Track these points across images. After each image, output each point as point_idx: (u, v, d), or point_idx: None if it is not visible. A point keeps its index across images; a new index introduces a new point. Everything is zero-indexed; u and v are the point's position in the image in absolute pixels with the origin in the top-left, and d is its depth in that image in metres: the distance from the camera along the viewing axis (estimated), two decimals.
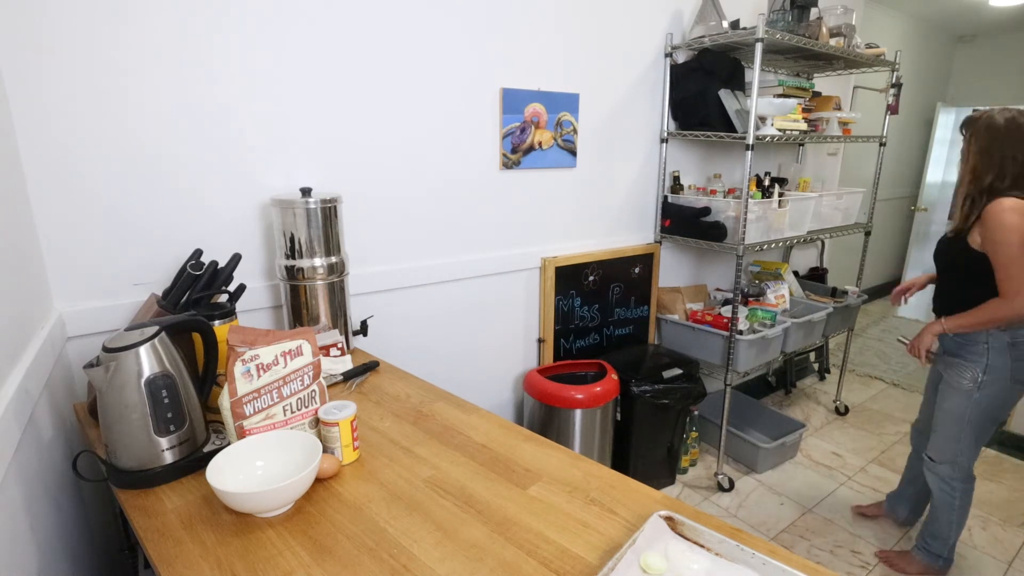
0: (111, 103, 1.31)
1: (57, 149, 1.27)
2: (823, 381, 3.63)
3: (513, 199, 2.11)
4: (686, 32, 2.46)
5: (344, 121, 1.67)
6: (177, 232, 1.45)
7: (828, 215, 2.78)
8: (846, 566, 2.03)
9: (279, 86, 1.53)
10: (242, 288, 1.32)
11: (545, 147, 2.14)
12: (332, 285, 1.53)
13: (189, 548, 0.82)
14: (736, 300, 2.31)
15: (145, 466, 0.95)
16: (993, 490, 2.49)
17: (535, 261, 2.22)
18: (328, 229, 1.49)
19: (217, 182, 1.49)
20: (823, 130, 2.72)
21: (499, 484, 0.98)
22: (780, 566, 0.73)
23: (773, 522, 2.28)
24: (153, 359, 0.94)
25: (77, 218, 1.31)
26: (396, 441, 1.12)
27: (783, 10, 2.35)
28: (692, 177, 2.72)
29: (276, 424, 1.01)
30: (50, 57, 1.22)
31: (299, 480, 0.86)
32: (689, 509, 0.89)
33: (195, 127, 1.43)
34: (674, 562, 0.76)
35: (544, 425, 2.13)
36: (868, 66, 2.79)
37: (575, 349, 2.43)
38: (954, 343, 1.79)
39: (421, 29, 1.75)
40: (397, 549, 0.82)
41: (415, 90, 1.78)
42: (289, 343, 1.02)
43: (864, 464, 2.68)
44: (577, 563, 0.80)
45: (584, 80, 2.19)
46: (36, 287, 1.20)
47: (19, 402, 0.93)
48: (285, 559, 0.80)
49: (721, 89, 2.37)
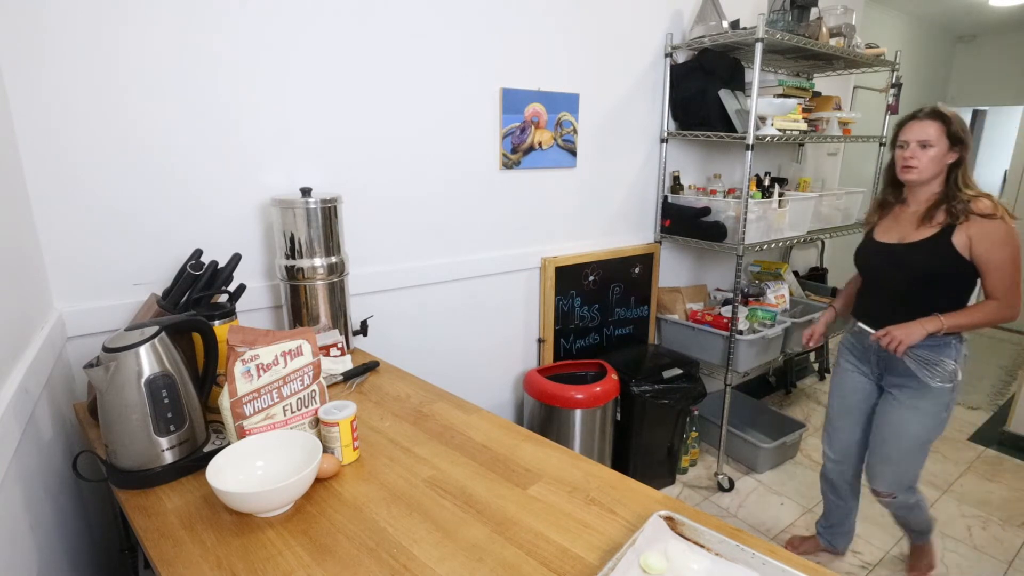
0: (111, 103, 1.31)
1: (57, 149, 1.27)
2: (823, 381, 3.63)
3: (513, 199, 2.11)
4: (686, 32, 2.46)
5: (344, 121, 1.67)
6: (177, 232, 1.45)
7: (828, 215, 2.78)
8: (846, 566, 2.03)
9: (280, 86, 1.53)
10: (242, 288, 1.32)
11: (545, 147, 2.14)
12: (332, 285, 1.53)
13: (189, 548, 0.82)
14: (736, 300, 2.31)
15: (145, 466, 0.95)
16: (993, 490, 2.49)
17: (535, 261, 2.22)
18: (328, 229, 1.49)
19: (217, 182, 1.49)
20: (823, 130, 2.72)
21: (499, 484, 0.98)
22: (780, 566, 0.73)
23: (773, 522, 2.28)
24: (153, 359, 0.94)
25: (77, 218, 1.31)
26: (396, 441, 1.12)
27: (783, 10, 2.35)
28: (692, 177, 2.72)
29: (276, 424, 1.01)
30: (50, 57, 1.22)
31: (299, 480, 0.86)
32: (689, 509, 0.89)
33: (196, 127, 1.43)
34: (674, 562, 0.76)
35: (544, 425, 2.13)
36: (868, 66, 2.78)
37: (575, 349, 2.42)
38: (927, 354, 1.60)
39: (421, 29, 1.75)
40: (397, 549, 0.82)
41: (415, 90, 1.78)
42: (289, 343, 1.02)
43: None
44: (577, 563, 0.79)
45: (584, 80, 2.19)
46: (36, 287, 1.20)
47: (19, 402, 0.93)
48: (285, 559, 0.80)
49: (721, 89, 2.37)
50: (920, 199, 1.62)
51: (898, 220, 1.67)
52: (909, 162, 1.57)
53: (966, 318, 1.55)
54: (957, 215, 1.52)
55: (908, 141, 1.58)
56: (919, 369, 1.61)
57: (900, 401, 1.67)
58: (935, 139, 1.53)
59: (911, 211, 1.64)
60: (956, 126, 1.54)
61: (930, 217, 1.57)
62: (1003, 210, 1.50)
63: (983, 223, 1.49)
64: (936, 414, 1.63)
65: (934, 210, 1.57)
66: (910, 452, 1.69)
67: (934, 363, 1.60)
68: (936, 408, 1.63)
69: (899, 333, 1.56)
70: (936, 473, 2.61)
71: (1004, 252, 1.50)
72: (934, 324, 1.55)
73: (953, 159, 1.56)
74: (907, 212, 1.65)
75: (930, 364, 1.60)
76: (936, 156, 1.54)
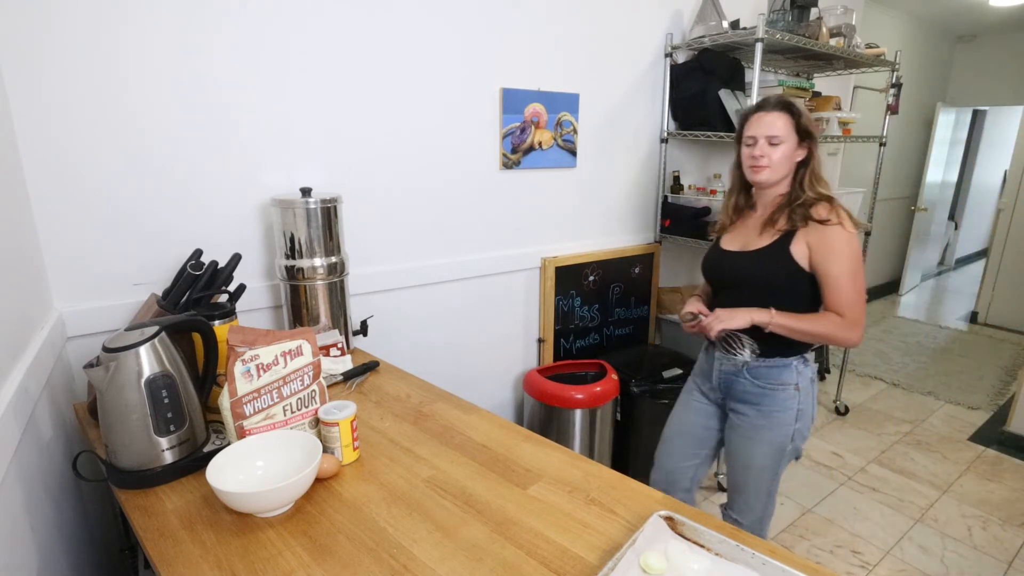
0: (111, 103, 1.31)
1: (57, 149, 1.27)
2: (823, 381, 3.63)
3: (513, 199, 2.11)
4: (686, 32, 2.46)
5: (344, 121, 1.67)
6: (177, 232, 1.45)
7: None
8: (846, 566, 2.03)
9: (280, 86, 1.53)
10: (242, 288, 1.32)
11: (545, 147, 2.14)
12: (332, 285, 1.53)
13: (189, 548, 0.82)
14: None
15: (145, 466, 0.95)
16: (993, 490, 2.49)
17: (535, 261, 2.22)
18: (328, 229, 1.49)
19: (217, 182, 1.49)
20: (823, 130, 2.72)
21: (499, 484, 0.98)
22: (780, 566, 0.73)
23: (773, 522, 2.27)
24: (153, 359, 0.94)
25: (77, 218, 1.31)
26: (396, 441, 1.12)
27: (783, 10, 2.35)
28: (692, 177, 2.72)
29: (276, 424, 1.01)
30: (50, 57, 1.22)
31: (299, 480, 0.86)
32: (689, 509, 0.89)
33: (196, 127, 1.43)
34: (674, 562, 0.76)
35: (544, 425, 2.13)
36: (868, 66, 2.78)
37: (575, 349, 2.42)
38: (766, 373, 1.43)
39: (421, 29, 1.75)
40: (397, 549, 0.82)
41: (416, 90, 1.78)
42: (289, 343, 1.02)
43: (864, 464, 2.68)
44: (577, 563, 0.79)
45: (584, 80, 2.19)
46: (36, 287, 1.20)
47: (19, 402, 0.93)
48: (285, 559, 0.80)
49: (721, 89, 2.37)
50: (766, 202, 1.45)
51: (745, 225, 1.49)
52: (759, 161, 1.38)
53: (800, 323, 1.34)
54: (796, 221, 1.35)
55: (756, 137, 1.38)
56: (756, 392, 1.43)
57: (741, 428, 1.48)
58: (785, 134, 1.35)
59: (757, 215, 1.47)
60: (806, 119, 1.37)
61: (773, 222, 1.39)
62: (843, 215, 1.33)
63: (821, 230, 1.32)
64: (779, 444, 1.44)
65: (778, 214, 1.39)
66: (755, 482, 1.51)
67: (772, 386, 1.42)
68: (779, 438, 1.44)
69: (723, 313, 1.38)
70: (936, 473, 2.61)
71: (841, 263, 1.31)
72: (763, 315, 1.35)
73: (801, 156, 1.38)
74: (754, 216, 1.48)
75: (766, 386, 1.42)
76: (787, 153, 1.37)
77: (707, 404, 1.60)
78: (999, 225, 4.52)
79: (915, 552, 2.10)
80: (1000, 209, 4.55)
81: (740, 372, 1.45)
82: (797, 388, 1.42)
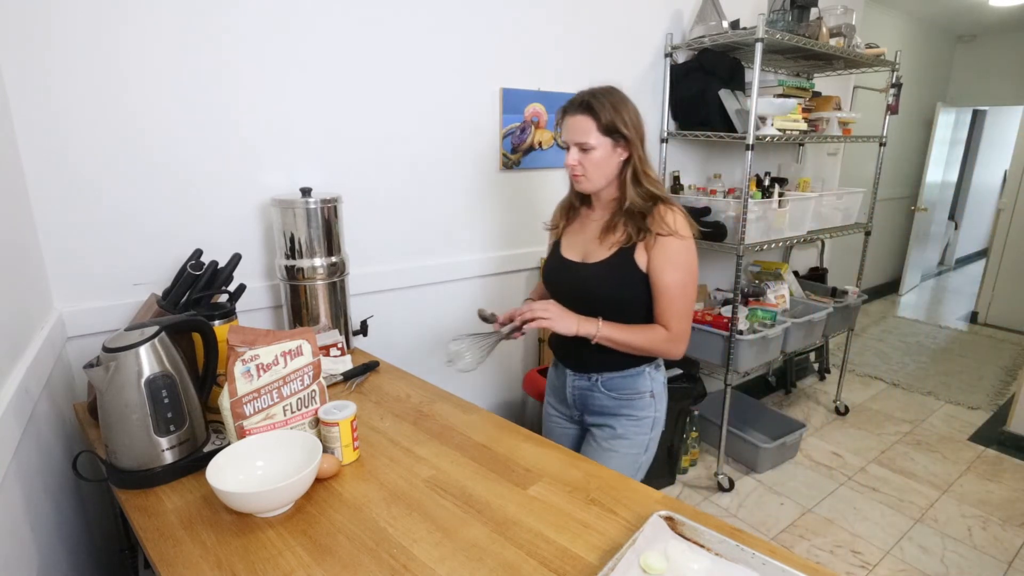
0: (112, 103, 1.31)
1: (57, 149, 1.27)
2: (823, 381, 3.63)
3: (513, 199, 2.11)
4: (686, 32, 2.46)
5: (344, 121, 1.67)
6: (177, 232, 1.45)
7: (828, 215, 2.78)
8: (846, 566, 2.03)
9: (280, 86, 1.53)
10: (242, 288, 1.32)
11: (545, 147, 2.14)
12: (332, 285, 1.53)
13: (189, 548, 0.82)
14: (736, 300, 2.31)
15: (145, 466, 0.95)
16: (993, 490, 2.49)
17: (535, 261, 2.22)
18: (328, 229, 1.49)
19: (218, 182, 1.49)
20: (823, 130, 2.72)
21: (499, 484, 0.98)
22: (780, 566, 0.73)
23: (773, 522, 2.28)
24: (153, 359, 0.94)
25: (77, 218, 1.31)
26: (396, 441, 1.12)
27: (783, 10, 2.35)
28: (692, 177, 2.72)
29: (276, 424, 1.01)
30: (51, 57, 1.22)
31: (299, 480, 0.86)
32: (689, 509, 0.89)
33: (196, 127, 1.43)
34: (674, 562, 0.76)
35: None
36: (868, 66, 2.78)
37: None
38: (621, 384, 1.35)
39: (421, 29, 1.75)
40: (397, 549, 0.82)
41: (415, 90, 1.78)
42: (289, 343, 1.02)
43: (864, 464, 2.68)
44: (577, 563, 0.79)
45: (584, 80, 2.18)
46: (36, 287, 1.20)
47: (19, 402, 0.93)
48: (285, 559, 0.80)
49: (721, 89, 2.37)
50: (603, 202, 1.33)
51: (584, 229, 1.36)
52: (574, 170, 1.26)
53: (624, 334, 1.25)
54: (632, 234, 1.24)
55: (568, 143, 1.25)
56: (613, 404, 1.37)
57: (598, 443, 1.39)
58: (592, 138, 1.21)
59: (596, 218, 1.34)
60: (609, 116, 1.20)
61: (613, 228, 1.28)
62: (679, 220, 1.23)
63: (659, 239, 1.22)
64: (634, 456, 1.37)
65: (616, 220, 1.28)
66: None
67: (628, 396, 1.35)
68: (635, 449, 1.37)
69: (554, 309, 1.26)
70: (936, 473, 2.61)
71: (674, 273, 1.23)
72: (589, 326, 1.24)
73: (623, 156, 1.24)
74: (592, 219, 1.35)
75: (622, 397, 1.36)
76: (602, 158, 1.23)
77: (568, 425, 1.49)
78: (999, 225, 4.52)
79: (915, 552, 2.10)
80: (1000, 209, 4.56)
81: (594, 386, 1.37)
82: (652, 395, 1.36)
